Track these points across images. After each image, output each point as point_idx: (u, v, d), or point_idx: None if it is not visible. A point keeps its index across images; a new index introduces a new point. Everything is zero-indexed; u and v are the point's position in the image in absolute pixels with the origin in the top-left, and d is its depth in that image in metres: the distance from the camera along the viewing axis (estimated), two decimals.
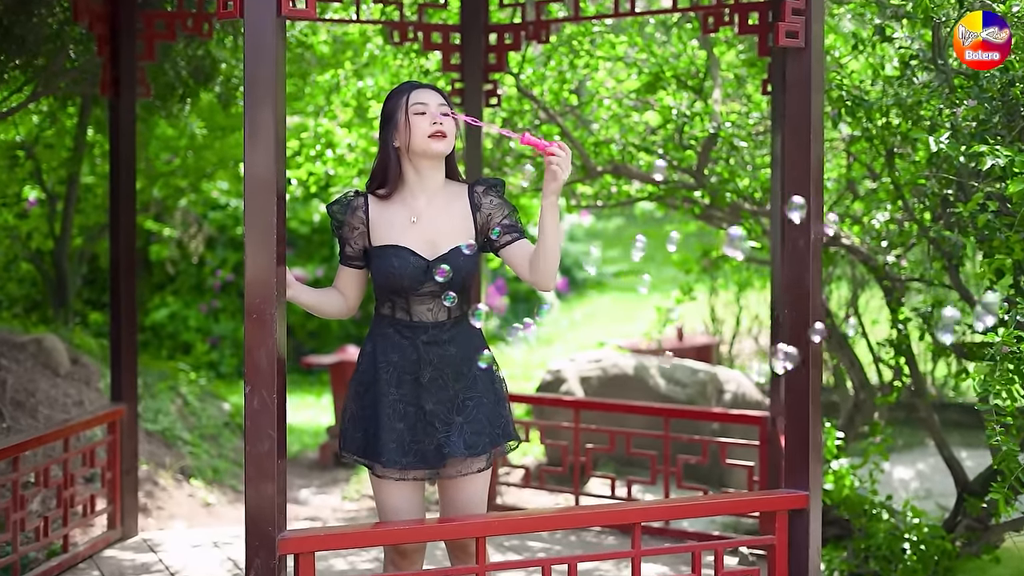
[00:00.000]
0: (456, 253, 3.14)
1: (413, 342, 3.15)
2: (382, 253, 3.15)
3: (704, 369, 6.83)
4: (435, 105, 3.15)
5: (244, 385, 2.89)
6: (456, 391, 3.16)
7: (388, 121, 3.18)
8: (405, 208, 3.19)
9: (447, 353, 3.15)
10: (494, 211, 3.20)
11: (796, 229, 3.39)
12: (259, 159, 2.86)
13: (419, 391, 3.14)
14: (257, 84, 2.86)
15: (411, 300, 3.16)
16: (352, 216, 3.20)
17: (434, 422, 3.13)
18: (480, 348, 3.21)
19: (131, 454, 4.93)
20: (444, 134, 3.13)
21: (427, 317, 3.16)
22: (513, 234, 3.19)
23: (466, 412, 3.14)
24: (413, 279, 3.12)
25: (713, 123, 5.28)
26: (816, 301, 3.39)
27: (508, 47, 5.21)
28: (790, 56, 3.39)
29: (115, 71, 4.80)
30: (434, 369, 3.14)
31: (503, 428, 3.21)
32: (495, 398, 3.21)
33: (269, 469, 2.90)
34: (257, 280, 2.88)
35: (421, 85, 3.20)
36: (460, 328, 3.19)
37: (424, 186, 3.19)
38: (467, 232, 3.19)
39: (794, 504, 3.37)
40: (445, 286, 3.13)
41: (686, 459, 4.95)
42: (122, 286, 4.85)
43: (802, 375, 3.38)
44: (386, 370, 3.16)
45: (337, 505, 6.52)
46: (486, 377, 3.20)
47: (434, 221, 3.17)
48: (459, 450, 3.10)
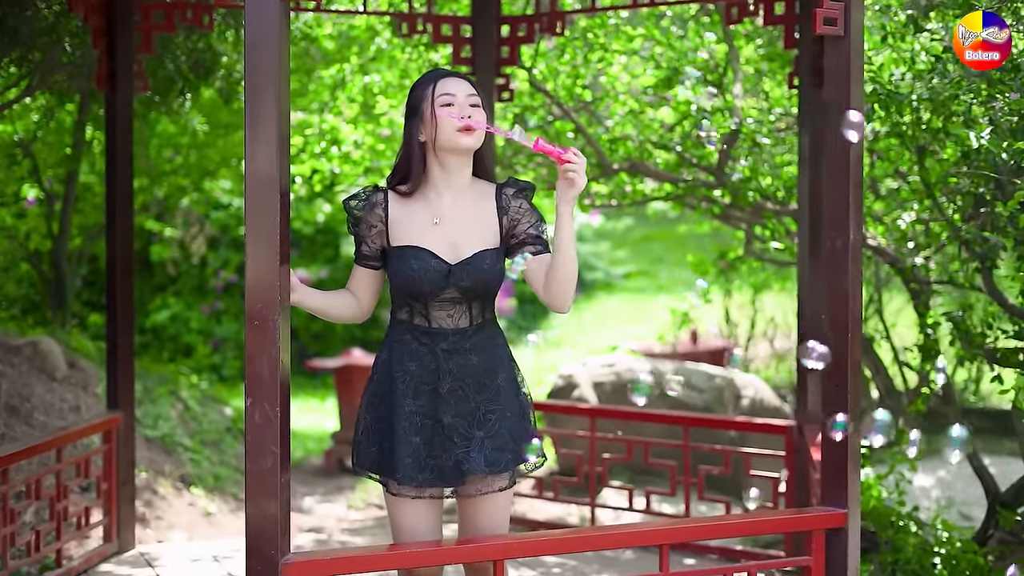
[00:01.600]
0: (480, 258, 2.93)
1: (432, 350, 2.94)
2: (401, 254, 2.94)
3: (720, 374, 6.62)
4: (464, 96, 2.93)
5: (245, 397, 2.68)
6: (477, 403, 2.94)
7: (413, 113, 2.96)
8: (428, 207, 2.97)
9: (468, 363, 2.94)
10: (522, 217, 2.98)
11: (834, 229, 3.18)
12: (260, 152, 2.65)
13: (437, 403, 2.92)
14: (259, 71, 2.65)
15: (430, 305, 2.94)
16: (370, 213, 2.98)
17: (452, 436, 2.91)
18: (504, 358, 3.00)
19: (128, 464, 4.72)
20: (473, 128, 2.92)
21: (447, 323, 2.95)
22: (537, 246, 2.97)
23: (488, 426, 2.92)
24: (433, 284, 2.91)
25: (735, 119, 5.06)
26: (856, 304, 3.18)
27: (521, 40, 5.00)
28: (828, 45, 3.18)
29: (111, 64, 4.59)
30: (454, 379, 2.93)
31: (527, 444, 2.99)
32: (519, 412, 2.99)
33: (272, 487, 2.69)
34: (258, 283, 2.67)
35: (449, 73, 2.98)
36: (482, 336, 2.97)
37: (450, 183, 2.98)
38: (492, 236, 2.97)
39: (832, 523, 3.16)
40: (469, 293, 2.92)
41: (707, 470, 4.73)
42: (119, 288, 4.64)
43: (839, 388, 3.17)
44: (402, 380, 2.95)
45: (342, 515, 6.31)
46: (510, 390, 2.99)
47: (458, 223, 2.96)
48: (479, 467, 2.89)
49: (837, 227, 3.18)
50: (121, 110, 4.64)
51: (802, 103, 4.43)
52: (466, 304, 2.95)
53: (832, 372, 3.18)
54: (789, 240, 5.53)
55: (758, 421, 4.71)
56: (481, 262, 2.92)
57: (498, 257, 2.96)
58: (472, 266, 2.91)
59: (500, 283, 2.99)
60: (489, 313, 3.02)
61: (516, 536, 3.13)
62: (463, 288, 2.91)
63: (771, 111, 5.23)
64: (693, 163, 5.34)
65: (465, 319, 2.96)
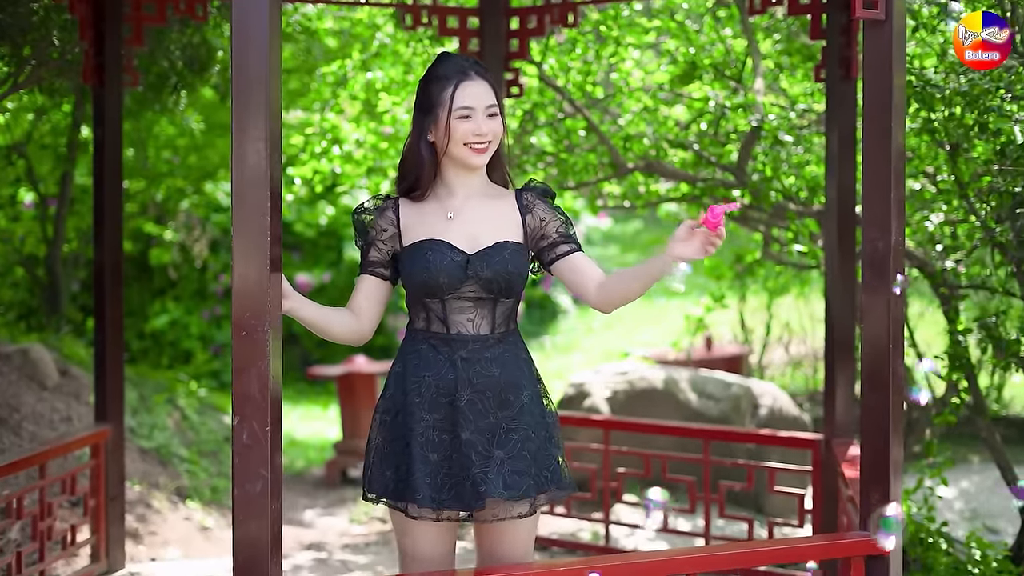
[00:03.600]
0: (500, 248, 2.69)
1: (450, 358, 2.68)
2: (415, 249, 2.70)
3: (737, 382, 6.36)
4: (483, 109, 2.69)
5: (232, 415, 2.44)
6: (499, 420, 2.68)
7: (426, 111, 2.72)
8: (440, 206, 2.74)
9: (489, 374, 2.68)
10: (548, 217, 2.76)
11: (875, 230, 2.94)
12: (248, 146, 2.41)
13: (455, 416, 2.66)
14: (247, 58, 2.40)
15: (448, 307, 2.69)
16: (381, 217, 2.75)
17: (471, 454, 2.64)
18: (529, 374, 2.74)
19: (117, 479, 4.48)
20: (485, 148, 2.70)
21: (467, 329, 2.70)
22: (572, 244, 2.75)
23: (509, 446, 2.66)
24: (450, 275, 2.66)
25: (756, 115, 4.80)
26: (899, 311, 2.93)
27: (531, 32, 4.76)
28: (868, 31, 2.94)
29: (99, 57, 4.36)
30: (473, 391, 2.67)
31: (552, 471, 2.71)
32: (545, 435, 2.72)
33: (261, 513, 2.44)
34: (246, 289, 2.42)
35: (470, 73, 2.71)
36: (505, 346, 2.72)
37: (461, 183, 2.76)
38: (513, 230, 2.74)
39: (873, 550, 2.90)
40: (490, 288, 2.67)
41: (729, 485, 4.47)
42: (108, 294, 4.40)
43: (881, 399, 2.92)
44: (417, 392, 2.69)
45: (344, 529, 6.06)
46: (535, 409, 2.72)
47: (474, 215, 2.74)
48: (496, 490, 2.61)
49: (878, 228, 2.93)
50: (110, 105, 4.40)
51: (830, 97, 4.18)
52: (488, 306, 2.70)
53: (872, 385, 2.93)
54: (811, 243, 5.27)
55: (783, 435, 4.45)
56: (502, 251, 2.69)
57: (521, 252, 2.72)
58: (492, 256, 2.68)
59: (523, 280, 2.74)
60: (513, 322, 2.78)
61: (539, 565, 2.86)
62: (483, 280, 2.67)
63: (794, 106, 4.97)
64: (712, 162, 5.08)
65: (487, 324, 2.71)
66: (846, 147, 4.13)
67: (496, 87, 2.75)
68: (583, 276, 2.72)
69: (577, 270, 2.73)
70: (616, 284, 2.68)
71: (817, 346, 8.52)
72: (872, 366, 2.92)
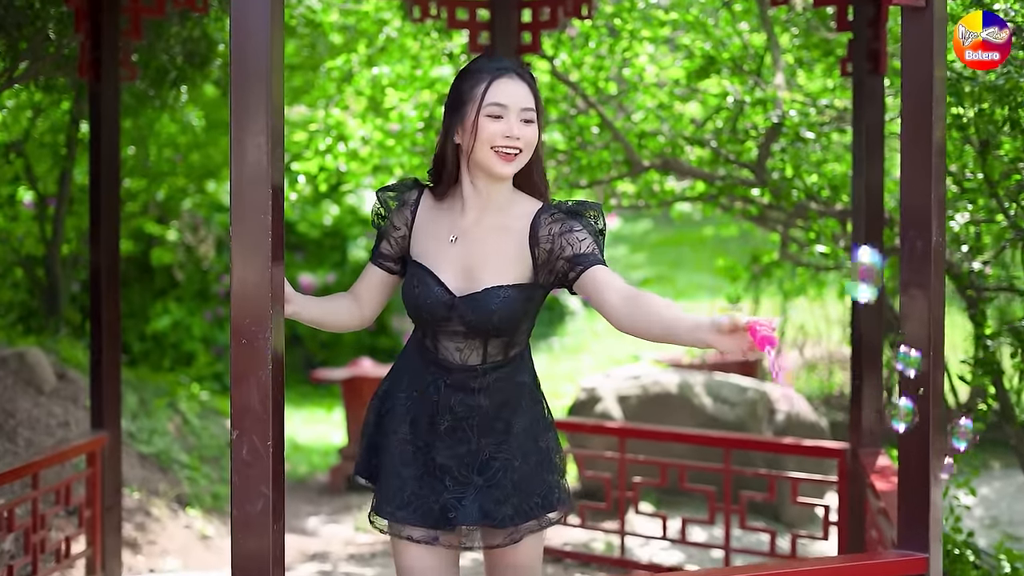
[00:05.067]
0: (491, 295, 2.45)
1: (435, 381, 2.52)
2: (410, 270, 2.54)
3: (753, 387, 6.18)
4: (517, 111, 2.43)
5: (231, 428, 2.27)
6: (481, 447, 2.51)
7: (455, 109, 2.49)
8: (450, 220, 2.53)
9: (474, 403, 2.50)
10: (555, 244, 2.44)
11: (914, 229, 2.76)
12: (248, 140, 2.23)
13: (432, 438, 2.52)
14: (247, 47, 2.23)
15: (438, 333, 2.52)
16: (399, 212, 2.57)
17: (444, 479, 2.50)
18: (525, 401, 2.55)
19: (114, 488, 4.31)
20: (514, 156, 2.44)
21: (455, 358, 2.51)
22: (578, 266, 2.43)
23: (489, 473, 2.49)
24: (434, 313, 2.49)
25: (776, 111, 4.63)
26: (939, 314, 2.76)
27: (543, 25, 4.58)
28: (906, 19, 2.77)
29: (96, 50, 4.19)
30: (454, 418, 2.50)
31: (544, 496, 2.54)
32: (537, 460, 2.54)
33: (262, 534, 2.27)
34: (246, 293, 2.25)
35: (507, 70, 2.46)
36: (498, 375, 2.51)
37: (479, 198, 2.51)
38: (516, 269, 2.48)
39: (911, 570, 2.73)
40: (476, 330, 2.47)
41: (750, 496, 4.30)
42: (104, 297, 4.23)
43: (920, 408, 2.74)
44: (404, 403, 2.55)
45: (349, 537, 5.88)
46: (526, 436, 2.54)
47: (478, 246, 2.50)
48: (471, 517, 2.45)
49: (917, 228, 2.76)
50: (107, 101, 4.23)
51: (857, 92, 4.00)
52: (478, 340, 2.50)
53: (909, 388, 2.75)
54: (833, 243, 5.09)
55: (808, 444, 4.27)
56: (490, 300, 2.44)
57: (519, 295, 2.46)
58: (479, 303, 2.45)
59: (520, 322, 2.50)
60: (516, 348, 2.55)
61: None
62: (468, 324, 2.47)
63: (815, 102, 4.79)
64: (730, 160, 4.90)
65: (476, 356, 2.51)
66: (874, 144, 3.96)
67: (537, 93, 2.51)
68: (599, 295, 2.41)
69: (590, 287, 2.45)
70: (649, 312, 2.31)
71: (832, 349, 8.35)
72: None
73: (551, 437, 2.60)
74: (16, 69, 5.04)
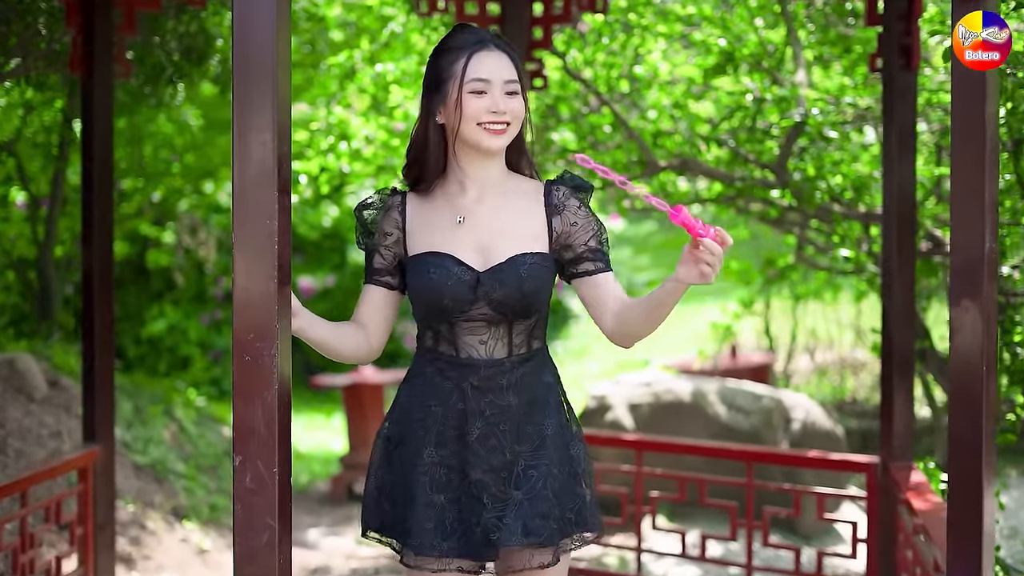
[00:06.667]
0: (516, 264, 2.29)
1: (459, 386, 2.32)
2: (417, 263, 2.33)
3: (768, 394, 5.99)
4: (500, 83, 2.30)
5: (233, 454, 2.07)
6: (516, 456, 2.32)
7: (435, 88, 2.33)
8: (449, 206, 2.36)
9: (504, 403, 2.32)
10: (581, 223, 2.36)
11: (965, 235, 2.57)
12: (252, 138, 2.04)
13: (465, 453, 2.31)
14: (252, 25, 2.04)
15: (457, 328, 2.33)
16: (385, 219, 2.38)
17: (482, 496, 2.29)
18: (554, 400, 2.38)
19: (107, 504, 4.11)
20: (502, 130, 2.30)
21: (479, 352, 2.33)
22: (598, 263, 2.35)
23: (528, 485, 2.29)
24: (456, 297, 2.29)
25: (799, 110, 4.44)
26: (992, 325, 2.57)
27: (556, 19, 4.39)
28: (957, 7, 2.58)
29: (88, 45, 3.99)
30: (486, 424, 2.31)
31: (577, 512, 2.35)
32: (569, 471, 2.36)
33: (267, 570, 2.07)
34: (250, 306, 2.05)
35: (485, 42, 2.33)
36: (525, 370, 2.34)
37: (475, 176, 2.36)
38: (535, 238, 2.34)
39: None
40: (503, 311, 2.29)
41: (774, 512, 4.11)
42: (97, 303, 4.02)
43: (973, 426, 2.56)
44: (422, 424, 2.34)
45: (351, 550, 5.69)
46: (559, 440, 2.35)
47: (488, 220, 2.34)
48: (514, 538, 2.26)
49: (968, 233, 2.57)
50: (100, 98, 4.03)
51: (888, 89, 3.81)
52: (503, 327, 2.33)
53: (962, 409, 2.57)
54: (855, 247, 4.91)
55: (835, 457, 4.08)
56: (517, 268, 2.29)
57: (543, 265, 2.32)
58: (505, 274, 2.29)
59: (546, 298, 2.36)
60: (537, 341, 2.39)
61: None
62: (495, 303, 2.29)
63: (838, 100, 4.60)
64: (749, 160, 4.70)
65: (502, 347, 2.33)
66: (906, 144, 3.77)
67: (518, 62, 2.37)
68: (598, 299, 2.35)
69: (593, 292, 2.35)
70: (633, 312, 2.29)
71: (844, 354, 8.16)
72: (962, 388, 2.56)
73: (580, 446, 2.42)
74: (6, 65, 4.85)
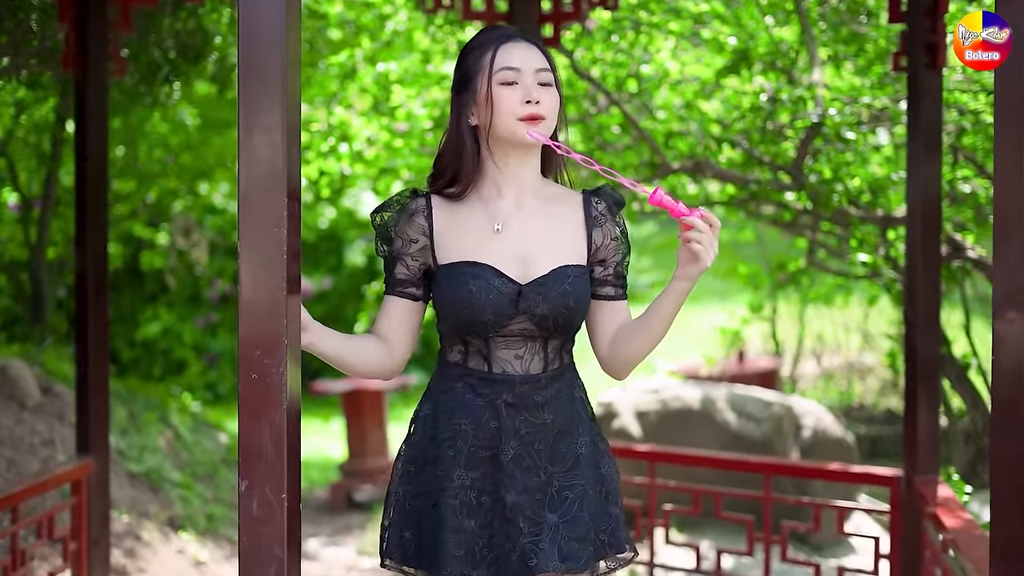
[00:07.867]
0: (560, 276, 2.18)
1: (492, 403, 2.19)
2: (453, 274, 2.18)
3: (777, 401, 5.85)
4: (531, 72, 2.18)
5: (239, 479, 1.93)
6: (550, 476, 2.19)
7: (464, 87, 2.22)
8: (485, 211, 2.22)
9: (540, 421, 2.19)
10: (615, 245, 2.26)
11: (1009, 244, 2.44)
12: (259, 138, 1.89)
13: (498, 475, 2.17)
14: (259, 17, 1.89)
15: (492, 343, 2.19)
16: (409, 224, 2.23)
17: (518, 520, 2.15)
18: (586, 416, 2.26)
19: (101, 518, 3.96)
20: (540, 116, 2.16)
21: (515, 368, 2.19)
22: (619, 288, 2.28)
23: (564, 507, 2.17)
24: (497, 311, 2.15)
25: (816, 110, 4.30)
26: None
27: (565, 16, 4.24)
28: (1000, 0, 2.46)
29: (82, 43, 3.84)
30: (520, 443, 2.18)
31: (610, 534, 2.23)
32: (602, 490, 2.24)
33: None
34: (257, 321, 1.91)
35: (511, 35, 2.22)
36: (561, 384, 2.21)
37: (511, 180, 2.23)
38: (576, 250, 2.23)
39: None
40: (545, 325, 2.17)
41: (793, 526, 3.97)
42: (91, 308, 3.88)
43: (1017, 445, 2.42)
44: (451, 443, 2.20)
45: (352, 561, 5.54)
46: (591, 459, 2.23)
47: (528, 229, 2.21)
48: (551, 561, 2.13)
49: (1012, 241, 2.43)
50: (94, 96, 3.89)
51: (913, 88, 3.68)
52: (540, 341, 2.20)
53: (1005, 427, 2.43)
54: (872, 251, 4.77)
55: (857, 470, 3.94)
56: (561, 281, 2.17)
57: (584, 276, 2.21)
58: (550, 287, 2.17)
59: (585, 312, 2.23)
60: (567, 355, 2.26)
61: None
62: (537, 317, 2.17)
63: (856, 100, 4.46)
64: (764, 162, 4.57)
65: (539, 362, 2.20)
66: (931, 145, 3.63)
67: (549, 55, 2.24)
68: (607, 326, 2.26)
69: (605, 318, 2.26)
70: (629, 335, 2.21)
71: (851, 359, 8.03)
72: (1006, 404, 2.42)
73: (610, 463, 2.30)
74: None
